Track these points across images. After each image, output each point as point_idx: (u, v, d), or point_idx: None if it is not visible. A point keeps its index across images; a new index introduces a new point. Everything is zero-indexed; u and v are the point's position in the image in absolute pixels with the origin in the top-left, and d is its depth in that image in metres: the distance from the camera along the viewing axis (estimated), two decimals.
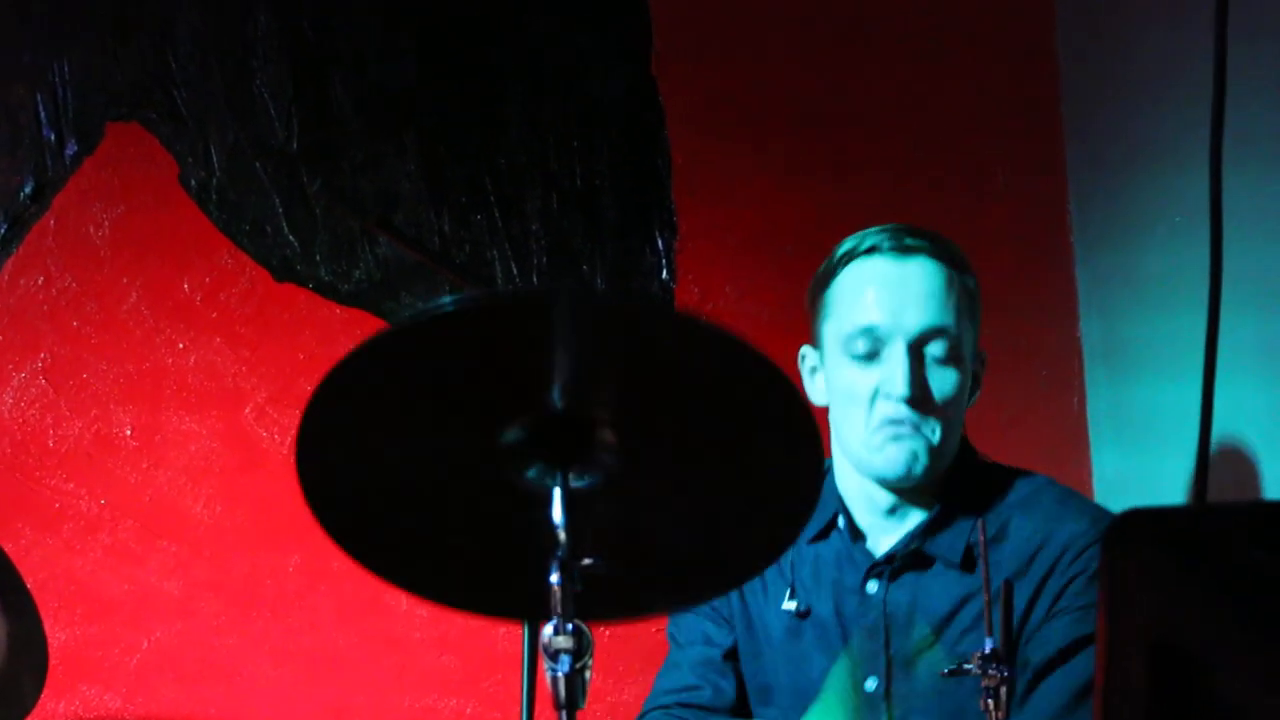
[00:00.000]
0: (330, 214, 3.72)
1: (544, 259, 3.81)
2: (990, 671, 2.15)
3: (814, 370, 2.87)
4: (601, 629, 3.67)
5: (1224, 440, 3.22)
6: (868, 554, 2.81)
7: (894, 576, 2.78)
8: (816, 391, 2.85)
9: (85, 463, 3.55)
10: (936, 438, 2.72)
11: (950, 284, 2.74)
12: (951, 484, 2.79)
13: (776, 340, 3.85)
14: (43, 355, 3.56)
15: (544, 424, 2.00)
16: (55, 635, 3.39)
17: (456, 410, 2.01)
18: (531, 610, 2.14)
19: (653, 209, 3.90)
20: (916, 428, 2.71)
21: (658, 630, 3.69)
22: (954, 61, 4.06)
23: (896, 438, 2.71)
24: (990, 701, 2.16)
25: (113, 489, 3.56)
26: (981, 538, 2.37)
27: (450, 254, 3.76)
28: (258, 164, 3.69)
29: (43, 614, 3.03)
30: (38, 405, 3.55)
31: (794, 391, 1.96)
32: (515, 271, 3.78)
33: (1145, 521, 1.43)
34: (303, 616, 3.61)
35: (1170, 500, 3.28)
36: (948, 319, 2.72)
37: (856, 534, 2.83)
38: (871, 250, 2.76)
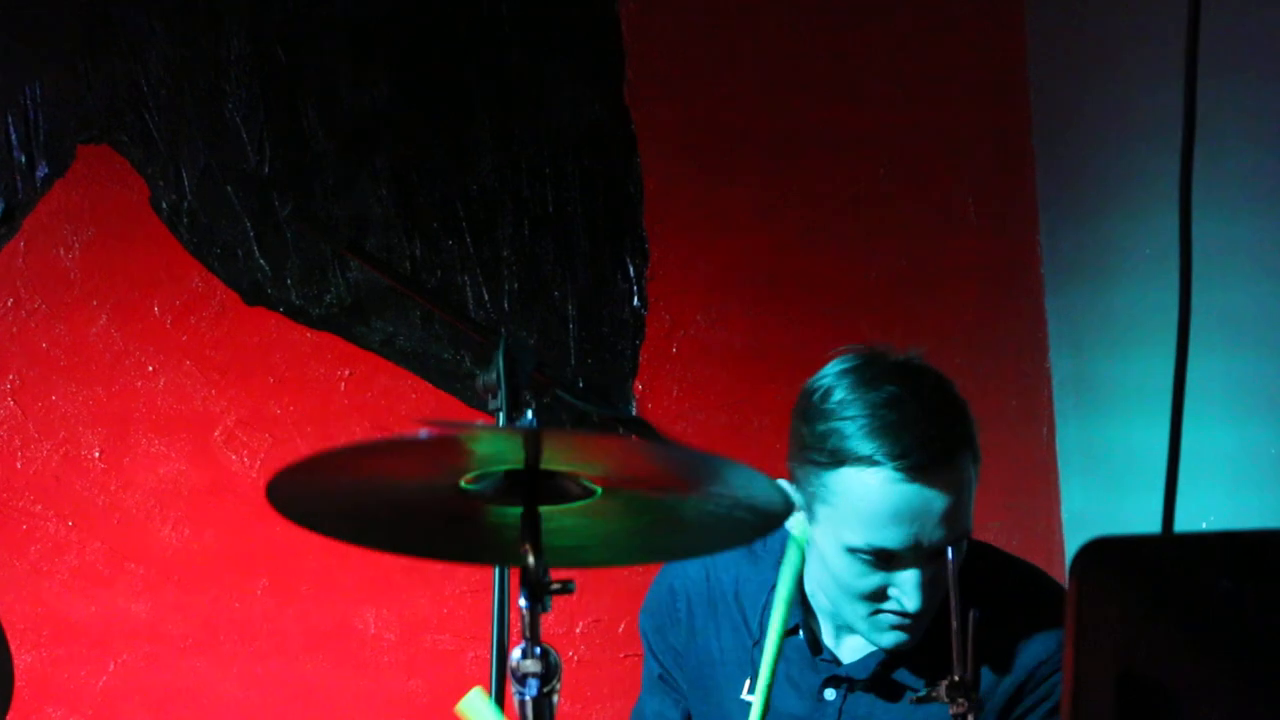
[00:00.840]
0: (301, 238, 3.72)
1: (515, 285, 3.81)
2: (959, 700, 2.15)
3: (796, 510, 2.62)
4: (569, 654, 3.68)
5: (1192, 474, 3.24)
6: (831, 661, 2.70)
7: (853, 690, 2.68)
8: (794, 523, 2.59)
9: (53, 485, 3.54)
10: (930, 620, 2.58)
11: (969, 479, 2.52)
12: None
13: (747, 368, 3.88)
14: (11, 377, 3.55)
15: (512, 476, 2.02)
16: (21, 657, 3.38)
17: (426, 466, 2.03)
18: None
19: (624, 236, 3.90)
20: (920, 621, 2.57)
21: (625, 656, 3.70)
22: (926, 93, 4.08)
23: (897, 630, 2.58)
24: None
25: (81, 511, 3.55)
26: (953, 583, 2.28)
27: (421, 279, 3.76)
28: (229, 188, 3.69)
29: (9, 636, 3.00)
30: (6, 427, 3.54)
31: (754, 475, 1.96)
32: (486, 297, 3.79)
33: (1112, 550, 1.44)
34: (271, 640, 3.60)
35: (1140, 530, 3.29)
36: (966, 524, 2.53)
37: (817, 647, 2.71)
38: (889, 466, 2.47)
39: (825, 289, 3.91)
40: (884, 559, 2.51)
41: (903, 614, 2.55)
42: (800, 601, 2.72)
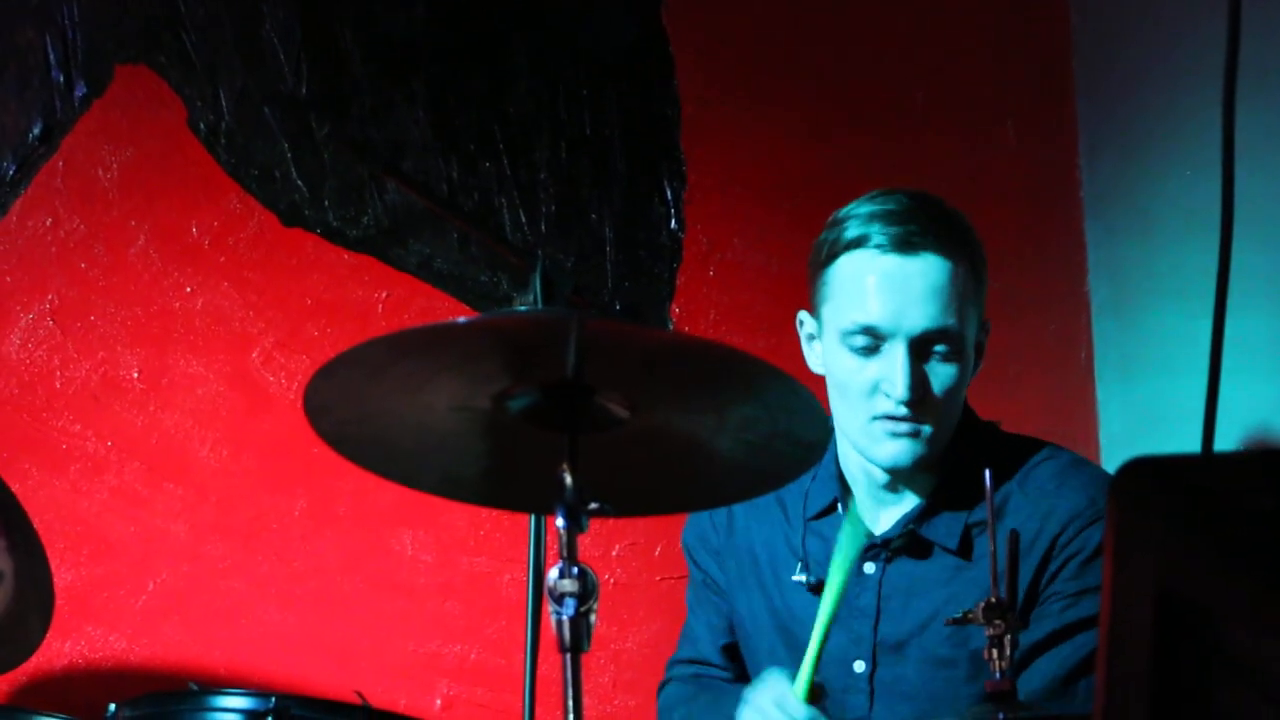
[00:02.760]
0: (338, 160, 3.71)
1: (552, 207, 3.80)
2: (995, 621, 2.16)
3: (811, 338, 2.82)
4: (605, 577, 3.69)
5: (1231, 402, 3.22)
6: (866, 531, 2.78)
7: (891, 559, 2.76)
8: (814, 359, 2.82)
9: (92, 404, 3.56)
10: (932, 431, 2.69)
11: (954, 279, 2.66)
12: (949, 462, 2.75)
13: (784, 291, 3.87)
14: (50, 297, 3.56)
15: (553, 391, 2.02)
16: (61, 576, 3.39)
17: (468, 377, 2.03)
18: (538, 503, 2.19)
19: (661, 159, 3.89)
20: (914, 425, 2.67)
21: (661, 579, 3.71)
22: (965, 15, 4.05)
23: (893, 434, 2.68)
24: (994, 651, 2.17)
25: (119, 431, 3.56)
26: (990, 512, 2.32)
27: (458, 201, 3.75)
28: (266, 109, 3.69)
29: (49, 554, 3.05)
30: (45, 347, 3.55)
31: (794, 386, 2.00)
32: (523, 219, 3.78)
33: (1151, 470, 1.43)
34: (308, 560, 3.62)
35: (1177, 449, 3.28)
36: (950, 319, 2.65)
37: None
38: (874, 244, 2.67)
39: None
40: (873, 340, 2.65)
41: (895, 415, 2.65)
42: (836, 478, 2.82)
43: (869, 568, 2.77)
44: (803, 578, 2.79)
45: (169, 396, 3.59)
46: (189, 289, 3.62)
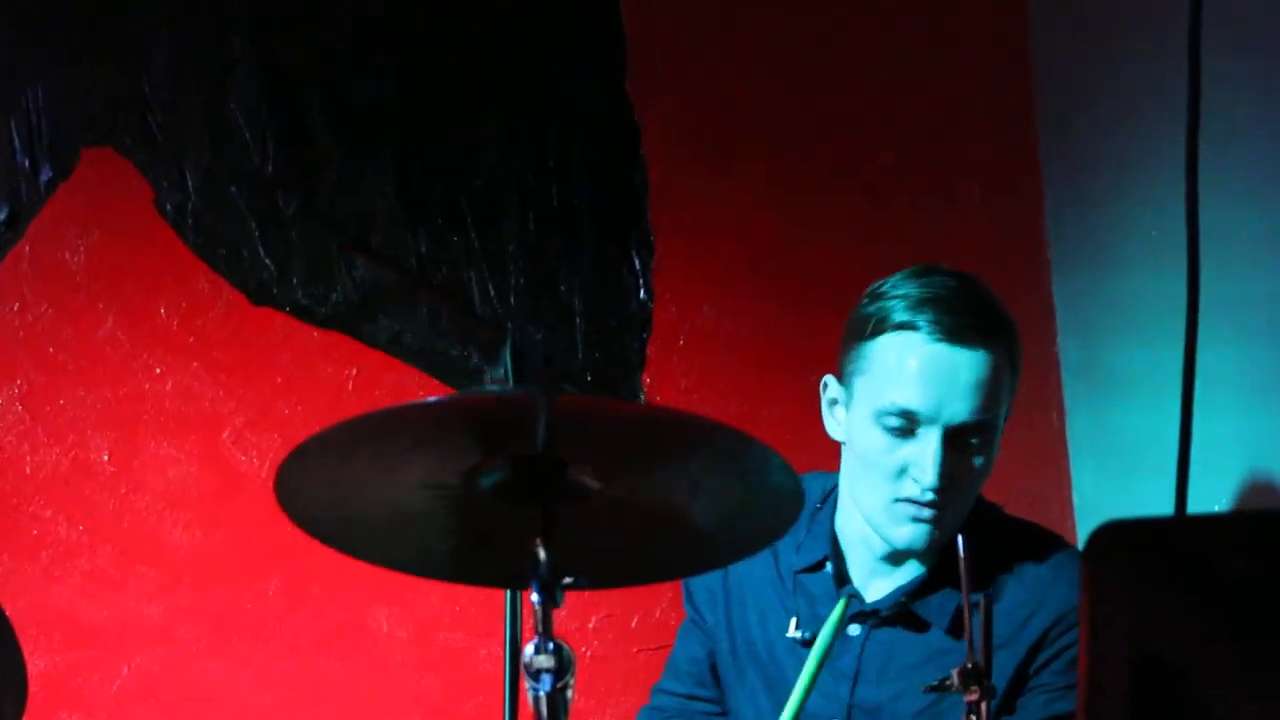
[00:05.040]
0: (307, 237, 3.71)
1: (521, 280, 3.80)
2: (972, 687, 2.15)
3: (834, 404, 2.80)
4: (582, 650, 3.68)
5: (1203, 457, 3.23)
6: (856, 596, 2.79)
7: (877, 626, 2.77)
8: (834, 424, 2.80)
9: (63, 489, 3.54)
10: (953, 517, 2.69)
11: (996, 372, 2.65)
12: (951, 542, 2.69)
13: (755, 358, 3.87)
14: (19, 382, 3.54)
15: (524, 465, 2.02)
16: (34, 663, 3.37)
17: (438, 454, 2.02)
18: (513, 579, 2.18)
19: (630, 228, 3.89)
20: (937, 512, 2.67)
21: (639, 650, 3.70)
22: (929, 77, 4.07)
23: (915, 519, 2.67)
24: (973, 717, 2.16)
25: (91, 515, 3.54)
26: (965, 579, 2.31)
27: (427, 275, 3.75)
28: (233, 187, 3.68)
29: (21, 642, 3.00)
30: (14, 432, 3.53)
31: (767, 453, 2.00)
32: (492, 292, 3.78)
33: (1125, 532, 1.43)
34: (284, 641, 3.60)
35: (1151, 513, 3.28)
36: (988, 413, 2.65)
37: (843, 579, 2.81)
38: (924, 330, 2.65)
39: (833, 276, 3.89)
40: (909, 424, 2.63)
41: (920, 501, 2.64)
42: (829, 537, 2.83)
43: (853, 629, 2.77)
44: (798, 634, 2.79)
45: (140, 479, 3.58)
46: (158, 370, 3.61)
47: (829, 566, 2.81)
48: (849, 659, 2.76)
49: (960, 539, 2.32)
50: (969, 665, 2.19)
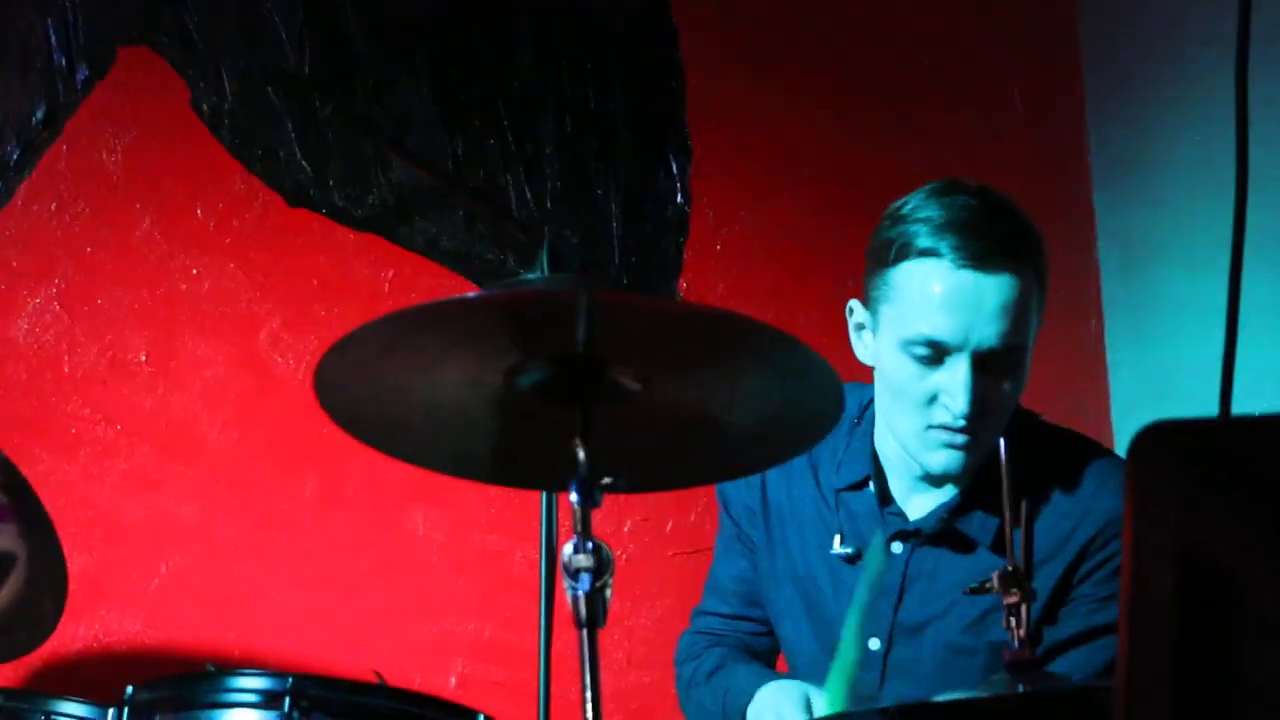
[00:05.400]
0: (343, 139, 3.71)
1: (557, 183, 3.79)
2: (1012, 590, 2.15)
3: (861, 328, 2.74)
4: (618, 553, 3.68)
5: (1246, 368, 3.21)
6: (899, 515, 2.77)
7: (921, 544, 2.74)
8: (863, 349, 2.75)
9: (101, 388, 3.55)
10: (986, 441, 2.64)
11: (1023, 295, 2.59)
12: (988, 461, 2.66)
13: (793, 262, 3.86)
14: (57, 281, 3.55)
15: (564, 364, 2.01)
16: (74, 560, 3.37)
17: (478, 352, 2.02)
18: (551, 480, 2.18)
19: (666, 132, 3.88)
20: (970, 437, 2.63)
21: (674, 554, 3.71)
22: None
23: (949, 445, 2.64)
24: (1013, 620, 2.16)
25: (129, 414, 3.55)
26: (1006, 486, 2.29)
27: (463, 178, 3.74)
28: (269, 89, 3.68)
29: (61, 539, 3.03)
30: (53, 331, 3.54)
31: (806, 353, 1.98)
32: (529, 196, 3.77)
33: (1170, 433, 1.42)
34: (320, 540, 3.62)
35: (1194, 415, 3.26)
36: (1017, 335, 2.59)
37: (885, 498, 2.77)
38: (947, 256, 2.57)
39: (869, 182, 3.87)
40: (937, 352, 2.59)
41: (952, 427, 2.61)
42: (870, 456, 2.80)
43: (896, 547, 2.75)
44: (843, 550, 2.77)
45: (177, 379, 3.59)
46: (195, 271, 3.61)
47: (871, 485, 2.78)
48: (893, 576, 2.73)
49: (1003, 443, 2.31)
50: (1009, 568, 2.18)
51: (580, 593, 1.95)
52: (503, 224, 3.71)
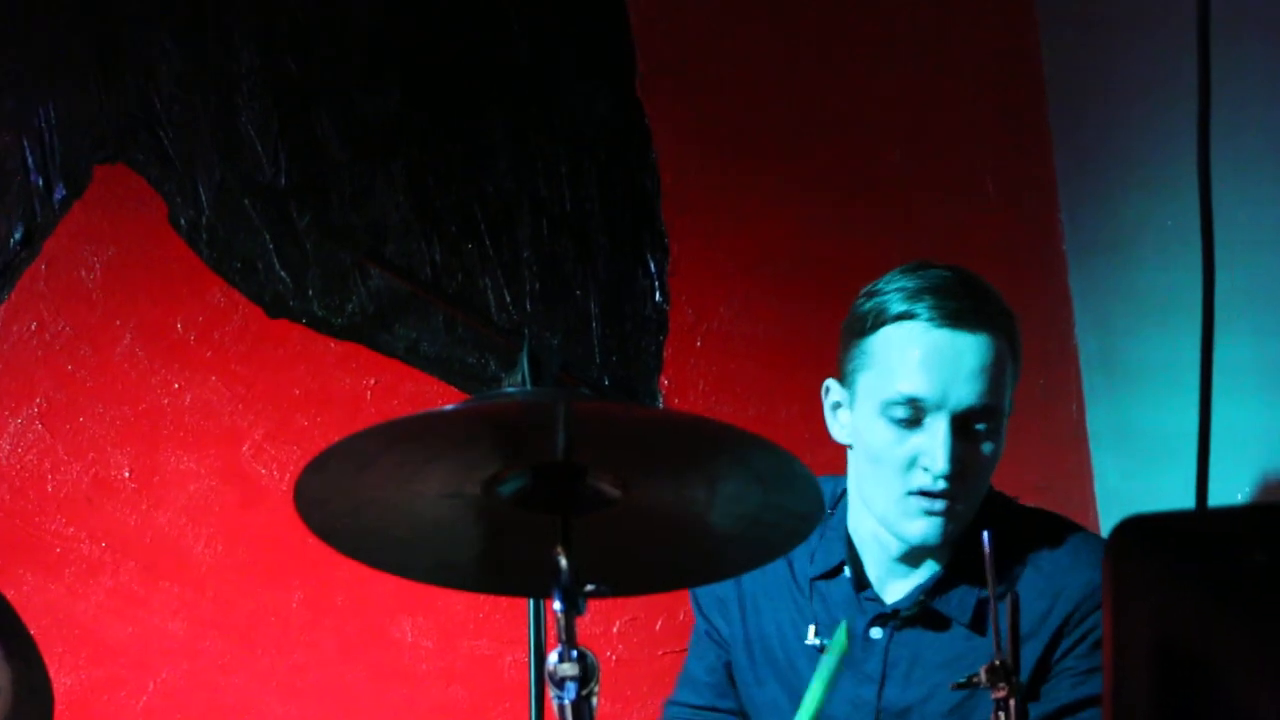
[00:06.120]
0: (321, 249, 3.72)
1: (536, 285, 3.81)
2: (999, 684, 2.14)
3: (837, 406, 2.79)
4: (607, 654, 3.68)
5: (1223, 446, 3.22)
6: (875, 600, 2.78)
7: (900, 627, 2.75)
8: (839, 428, 2.79)
9: (85, 506, 3.54)
10: (964, 509, 2.68)
11: (999, 358, 2.65)
12: (966, 535, 2.71)
13: (772, 358, 3.87)
14: (38, 400, 3.55)
15: (544, 473, 2.02)
16: (60, 681, 3.38)
17: (458, 463, 2.03)
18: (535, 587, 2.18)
19: (643, 231, 3.89)
20: (949, 501, 2.65)
21: (664, 653, 3.70)
22: (940, 75, 4.06)
23: (928, 511, 2.66)
24: (1001, 714, 2.16)
25: (113, 531, 3.55)
26: (990, 576, 2.30)
27: (442, 284, 3.75)
28: (246, 201, 3.69)
29: (47, 659, 3.00)
30: (35, 450, 3.54)
31: (785, 457, 1.99)
32: (508, 299, 3.78)
33: (1147, 527, 1.43)
34: (308, 653, 3.60)
35: (1172, 504, 3.28)
36: (994, 397, 2.64)
37: (862, 583, 2.78)
38: (924, 317, 2.64)
39: (848, 274, 3.86)
40: (916, 413, 2.62)
41: (931, 491, 2.63)
42: (844, 541, 2.81)
43: (875, 633, 2.76)
44: (816, 641, 2.77)
45: (161, 494, 3.58)
46: (177, 385, 3.61)
47: (846, 571, 2.79)
48: (874, 662, 2.74)
49: (986, 535, 2.31)
50: (996, 662, 2.18)
51: (566, 701, 1.96)
52: (483, 328, 3.72)
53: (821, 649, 2.75)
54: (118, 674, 3.51)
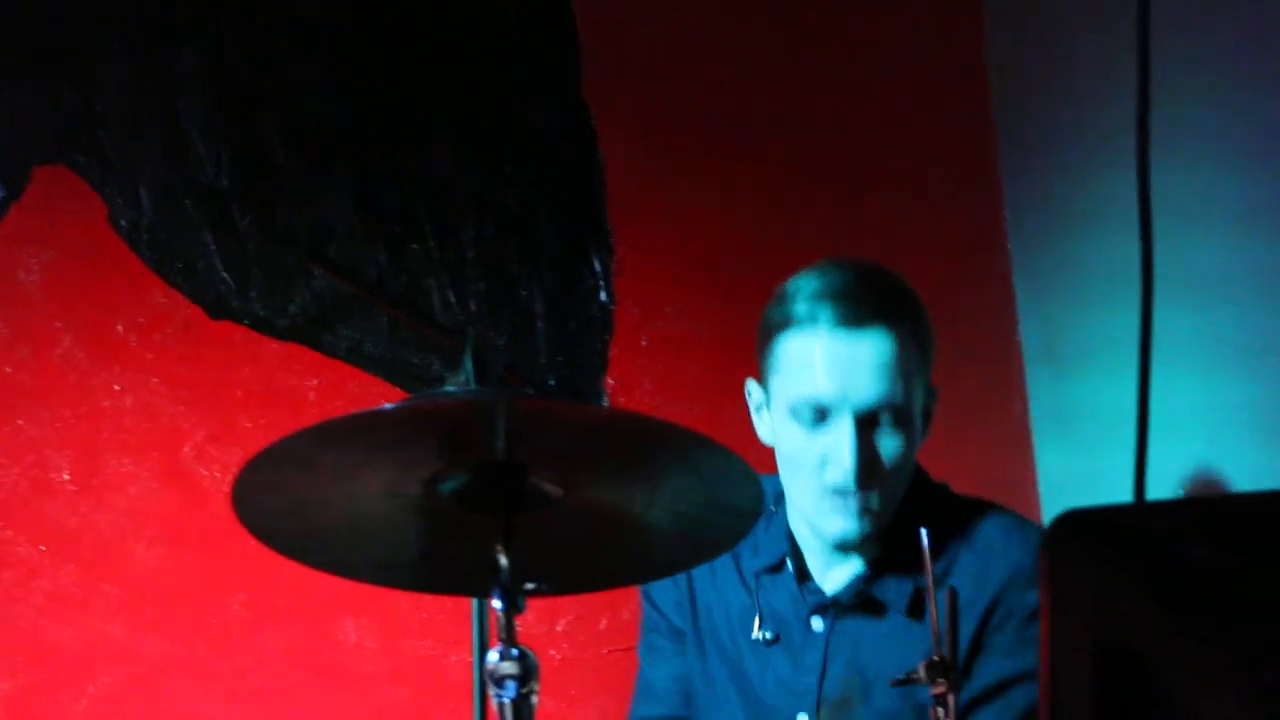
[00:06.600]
0: (263, 250, 3.69)
1: (481, 286, 3.79)
2: (938, 680, 2.15)
3: (760, 408, 2.85)
4: (550, 653, 3.66)
5: (1164, 433, 3.23)
6: (816, 591, 2.82)
7: (840, 616, 2.79)
8: (763, 428, 2.85)
9: (23, 509, 3.51)
10: (880, 503, 2.72)
11: (899, 353, 2.69)
12: (899, 525, 2.76)
13: (717, 358, 3.86)
14: None
15: (484, 472, 2.01)
16: None
17: (398, 462, 2.02)
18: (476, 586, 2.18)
19: (589, 232, 3.89)
20: (861, 498, 2.70)
21: (609, 651, 3.69)
22: (885, 72, 4.07)
23: (842, 509, 2.70)
24: (940, 710, 2.16)
25: (52, 534, 3.51)
26: (928, 571, 2.32)
27: (386, 284, 3.74)
28: (188, 202, 3.66)
29: None
30: None
31: (727, 455, 2.00)
32: (453, 299, 3.77)
33: (1083, 522, 1.43)
34: (250, 655, 3.58)
35: (1116, 497, 3.29)
36: (896, 392, 2.68)
37: (803, 575, 2.83)
38: (822, 321, 2.69)
39: (791, 273, 3.87)
40: (821, 414, 2.68)
41: (843, 490, 2.68)
42: (786, 536, 2.86)
43: (816, 624, 2.80)
44: (761, 635, 2.82)
45: (102, 496, 3.55)
46: (117, 387, 3.58)
47: (789, 565, 2.83)
48: (815, 653, 2.78)
49: (924, 532, 2.32)
50: (936, 658, 2.18)
51: (506, 700, 1.95)
52: (427, 329, 3.70)
53: (766, 643, 2.78)
54: (57, 677, 3.48)
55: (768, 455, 2.90)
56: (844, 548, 2.78)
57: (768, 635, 2.81)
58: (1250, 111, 3.06)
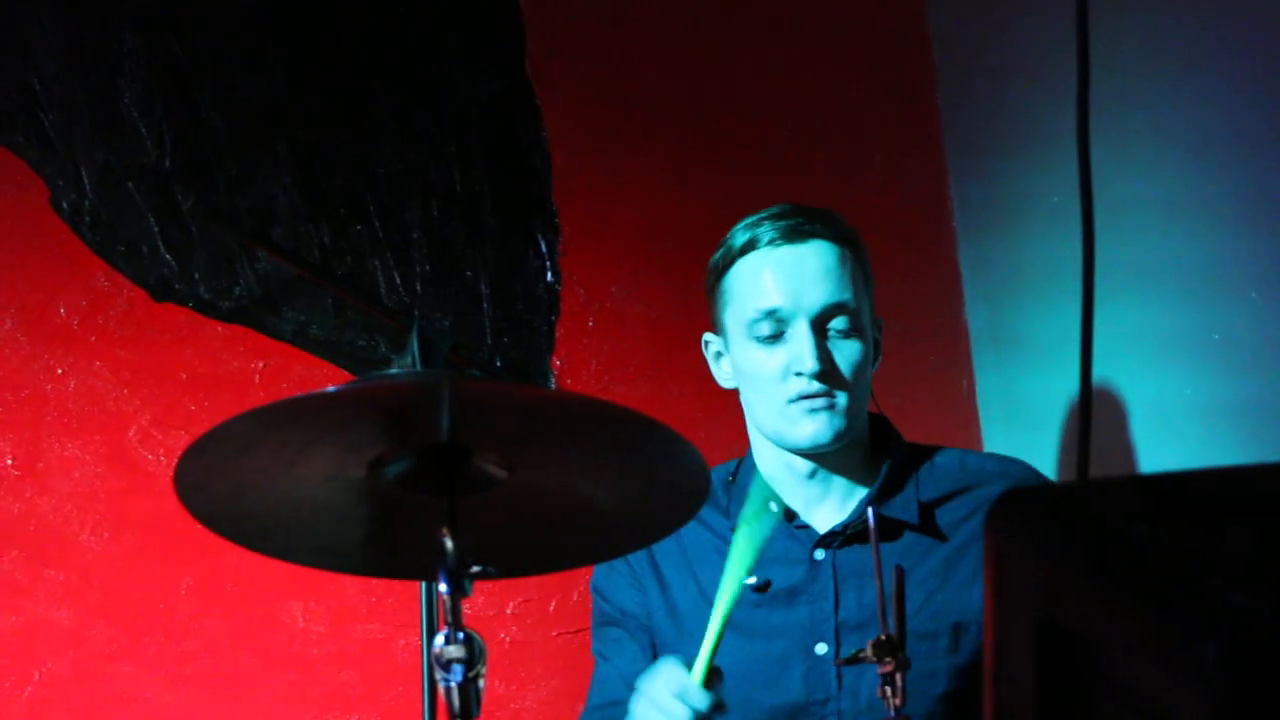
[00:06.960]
0: (207, 232, 3.67)
1: (426, 267, 3.78)
2: (885, 658, 2.15)
3: (719, 355, 2.96)
4: (501, 636, 3.66)
5: (1106, 417, 3.25)
6: (806, 527, 2.88)
7: (842, 546, 2.84)
8: (723, 375, 2.96)
9: None
10: (846, 404, 2.81)
11: (844, 260, 2.84)
12: (885, 455, 2.90)
13: (664, 337, 3.86)
14: None
15: (429, 454, 2.01)
16: None
17: (342, 445, 2.00)
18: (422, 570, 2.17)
19: (534, 212, 3.88)
20: (828, 399, 2.80)
21: (558, 634, 3.68)
22: (828, 51, 4.07)
23: (811, 411, 2.80)
24: (888, 689, 2.17)
25: None
26: (875, 546, 2.34)
27: (331, 266, 3.72)
28: (130, 184, 3.64)
29: None
30: None
31: (671, 436, 1.99)
32: (398, 280, 3.75)
33: (1028, 500, 1.43)
34: (197, 640, 3.56)
35: (1061, 478, 3.31)
36: (846, 294, 2.82)
37: (790, 515, 2.89)
38: (765, 241, 2.84)
39: None
40: (777, 325, 2.82)
41: (809, 393, 2.79)
42: (764, 484, 2.87)
43: (819, 554, 2.85)
44: (752, 580, 2.80)
45: (45, 481, 3.53)
46: (60, 370, 3.56)
47: (774, 505, 2.83)
48: (824, 581, 2.83)
49: (870, 511, 2.33)
50: (883, 636, 2.19)
51: (453, 684, 1.94)
52: (372, 310, 3.68)
53: (757, 589, 2.79)
54: (1, 664, 3.46)
55: (714, 435, 2.91)
56: (815, 454, 2.84)
57: (759, 581, 2.83)
58: (1189, 86, 3.07)
